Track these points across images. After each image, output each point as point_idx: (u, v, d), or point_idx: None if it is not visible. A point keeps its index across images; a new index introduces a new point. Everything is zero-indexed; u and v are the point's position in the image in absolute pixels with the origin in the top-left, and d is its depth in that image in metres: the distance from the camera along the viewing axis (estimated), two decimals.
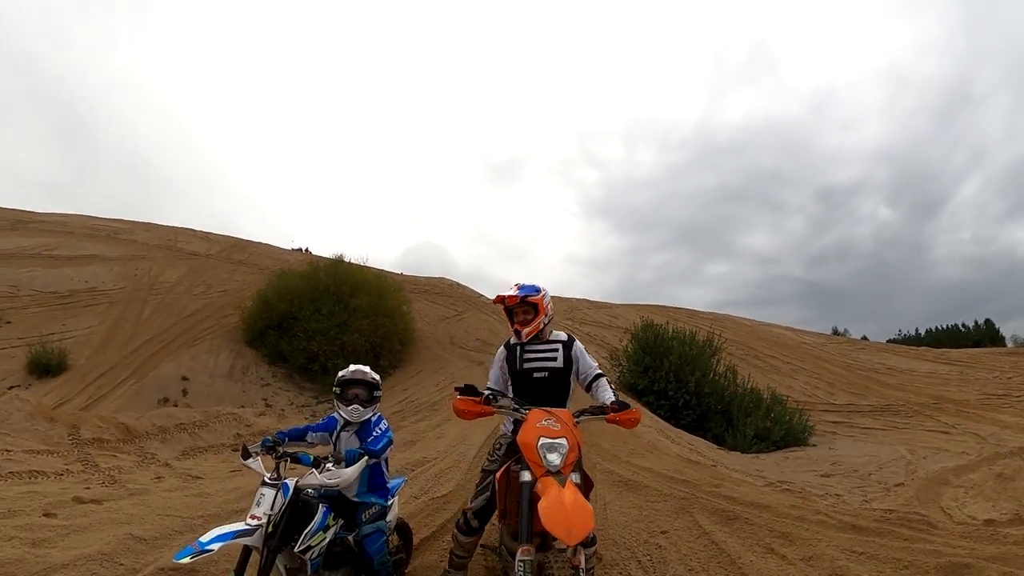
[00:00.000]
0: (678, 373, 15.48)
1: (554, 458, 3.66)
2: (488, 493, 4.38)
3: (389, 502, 4.70)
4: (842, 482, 8.55)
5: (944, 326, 50.56)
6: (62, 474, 7.00)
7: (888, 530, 5.95)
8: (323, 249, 32.49)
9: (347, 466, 4.16)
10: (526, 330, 4.53)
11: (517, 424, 4.21)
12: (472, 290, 34.00)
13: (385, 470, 4.72)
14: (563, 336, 4.70)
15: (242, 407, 16.47)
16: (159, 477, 7.31)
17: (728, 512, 6.44)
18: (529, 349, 4.55)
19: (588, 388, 4.56)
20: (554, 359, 4.52)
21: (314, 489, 4.10)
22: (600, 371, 4.61)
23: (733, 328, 29.26)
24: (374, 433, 4.55)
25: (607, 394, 4.41)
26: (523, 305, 4.56)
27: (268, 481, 3.92)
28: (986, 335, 43.56)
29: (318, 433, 4.65)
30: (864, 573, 4.90)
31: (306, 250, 35.96)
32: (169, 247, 29.85)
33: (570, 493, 3.45)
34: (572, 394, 4.57)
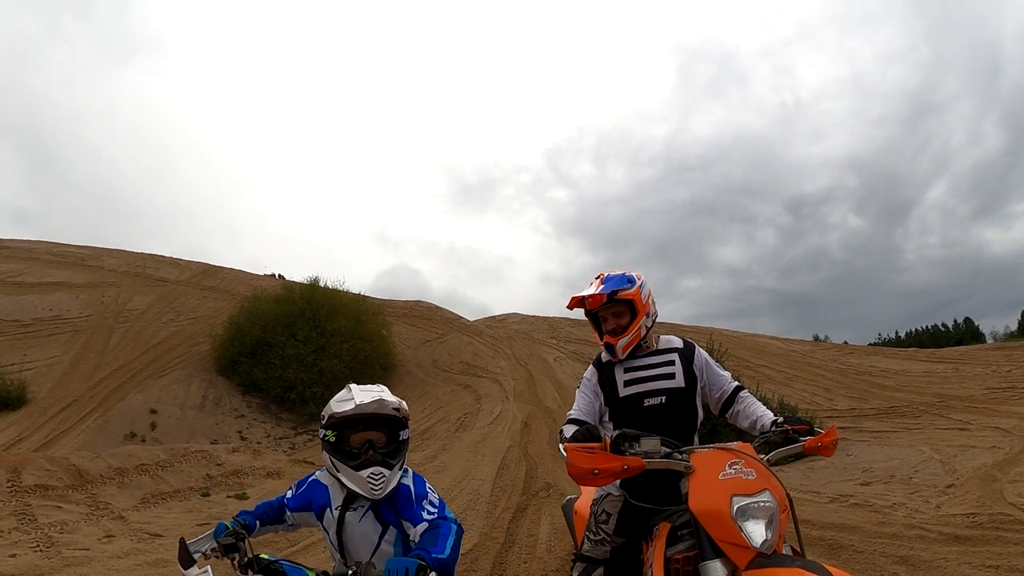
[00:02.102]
0: None
1: (760, 530, 2.17)
2: None
3: None
4: (891, 489, 7.97)
5: (923, 327, 50.37)
6: None
7: (993, 536, 5.52)
8: (295, 275, 31.71)
9: None
10: (622, 342, 3.06)
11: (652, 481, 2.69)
12: (451, 312, 33.27)
13: None
14: (677, 342, 3.26)
15: (214, 442, 15.53)
16: (109, 535, 6.30)
17: (824, 540, 5.77)
18: (633, 366, 3.12)
19: (724, 410, 3.20)
20: (671, 375, 3.10)
21: None
22: (739, 383, 3.25)
23: (719, 339, 28.79)
24: (423, 517, 2.38)
25: (758, 410, 3.08)
26: (613, 306, 3.09)
27: None
28: (967, 333, 43.45)
29: (297, 512, 2.69)
30: None
31: (279, 276, 34.98)
32: (137, 273, 28.83)
33: None
34: (699, 425, 3.19)
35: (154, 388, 19.17)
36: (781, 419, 2.89)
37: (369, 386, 2.56)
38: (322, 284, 24.04)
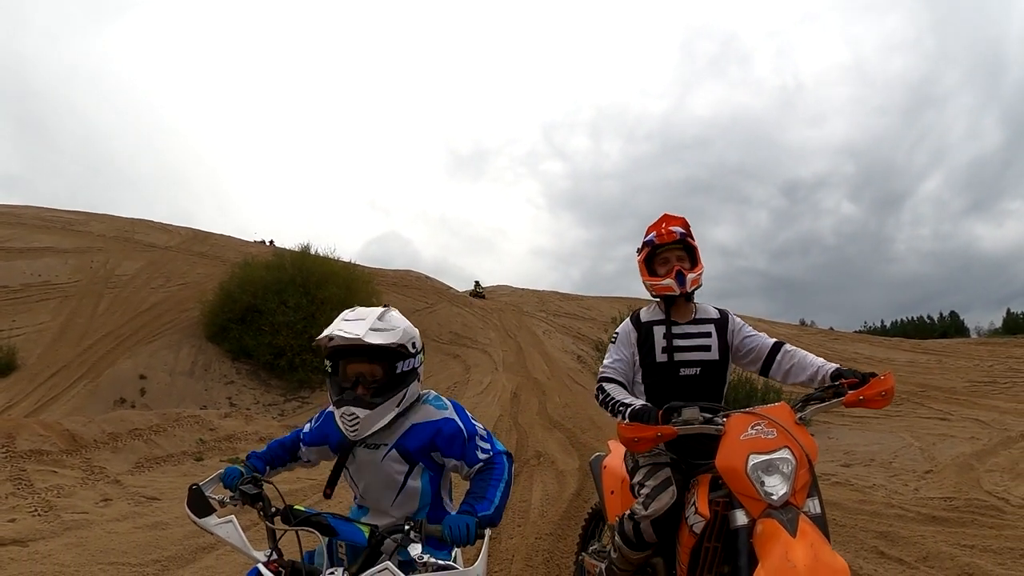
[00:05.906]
0: None
1: (776, 484, 2.41)
2: (673, 498, 2.79)
3: None
4: (871, 472, 8.23)
5: (909, 318, 50.90)
6: None
7: (969, 519, 5.75)
8: (285, 242, 31.65)
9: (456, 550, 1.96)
10: (691, 276, 3.07)
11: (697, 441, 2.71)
12: (441, 282, 33.36)
13: None
14: (713, 312, 3.21)
15: (204, 407, 15.61)
16: (106, 499, 6.39)
17: None
18: (673, 332, 3.09)
19: (767, 368, 3.11)
20: (707, 348, 3.07)
21: None
22: (779, 340, 3.14)
23: None
24: (479, 457, 2.25)
25: (815, 361, 3.00)
26: (679, 249, 3.16)
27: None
28: (952, 326, 43.90)
29: (313, 447, 2.48)
30: (992, 567, 4.58)
31: (270, 242, 34.87)
32: (126, 238, 28.64)
33: (804, 549, 2.17)
34: (726, 391, 3.18)
35: (143, 354, 19.20)
36: (835, 371, 2.84)
37: (366, 309, 2.24)
38: (313, 252, 24.04)
